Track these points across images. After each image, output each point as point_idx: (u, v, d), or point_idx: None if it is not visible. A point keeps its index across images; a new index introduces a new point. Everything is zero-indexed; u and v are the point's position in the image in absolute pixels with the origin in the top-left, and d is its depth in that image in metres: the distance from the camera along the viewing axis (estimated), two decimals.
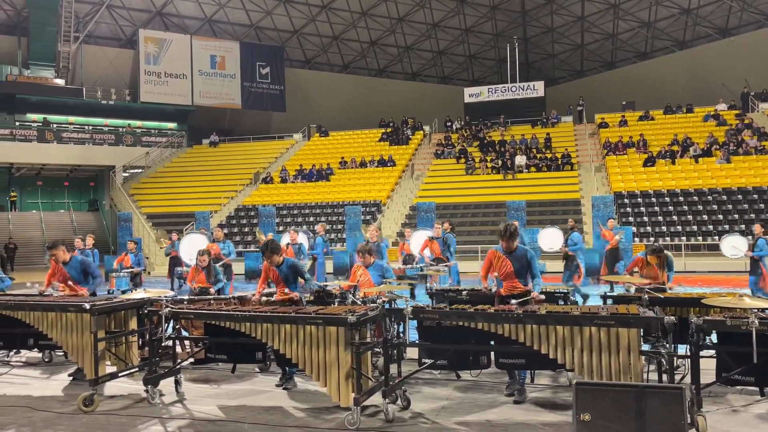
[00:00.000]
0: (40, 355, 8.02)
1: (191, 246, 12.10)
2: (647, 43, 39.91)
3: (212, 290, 8.20)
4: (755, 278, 10.71)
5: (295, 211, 26.75)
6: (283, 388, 6.37)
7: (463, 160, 29.01)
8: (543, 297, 6.00)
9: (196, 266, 8.49)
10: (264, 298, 6.72)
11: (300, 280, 6.64)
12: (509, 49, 36.01)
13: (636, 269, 7.35)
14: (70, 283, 7.18)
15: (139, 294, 6.77)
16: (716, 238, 20.66)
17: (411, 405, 5.61)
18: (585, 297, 10.68)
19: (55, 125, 33.21)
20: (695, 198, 22.89)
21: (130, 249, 12.95)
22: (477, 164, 28.24)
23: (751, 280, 10.78)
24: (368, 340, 5.50)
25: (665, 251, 7.16)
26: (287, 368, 6.42)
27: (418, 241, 12.21)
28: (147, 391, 5.95)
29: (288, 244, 12.06)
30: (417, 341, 6.04)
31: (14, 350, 8.14)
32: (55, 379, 7.11)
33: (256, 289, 6.92)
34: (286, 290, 6.56)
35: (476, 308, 5.50)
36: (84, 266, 7.17)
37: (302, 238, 13.03)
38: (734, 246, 11.92)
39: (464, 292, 7.36)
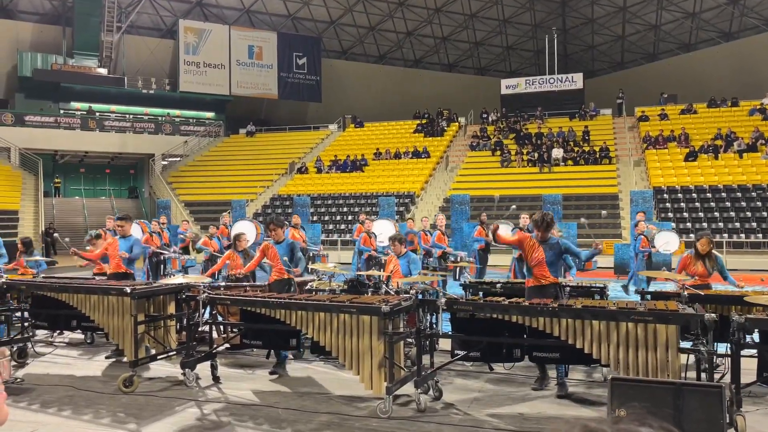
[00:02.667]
0: (82, 336, 8.26)
1: (383, 229, 11.28)
2: (691, 35, 38.78)
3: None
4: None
5: (329, 202, 26.90)
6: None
7: (498, 153, 28.72)
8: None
9: (232, 251, 8.57)
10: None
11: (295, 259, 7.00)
12: (548, 41, 35.40)
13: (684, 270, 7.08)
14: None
15: (177, 279, 6.92)
16: (760, 235, 20.12)
17: (443, 396, 5.62)
18: None
19: (97, 114, 34.02)
20: (738, 194, 22.25)
21: (212, 233, 12.14)
22: (513, 157, 27.93)
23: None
24: (401, 330, 5.52)
25: (714, 252, 6.89)
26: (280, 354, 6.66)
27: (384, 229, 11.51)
28: (184, 374, 6.09)
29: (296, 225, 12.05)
30: (450, 332, 6.04)
31: (58, 331, 8.43)
32: (97, 359, 7.33)
33: (248, 266, 7.41)
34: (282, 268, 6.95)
35: (510, 301, 5.47)
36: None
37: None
38: (667, 242, 12.23)
39: (498, 285, 7.31)
